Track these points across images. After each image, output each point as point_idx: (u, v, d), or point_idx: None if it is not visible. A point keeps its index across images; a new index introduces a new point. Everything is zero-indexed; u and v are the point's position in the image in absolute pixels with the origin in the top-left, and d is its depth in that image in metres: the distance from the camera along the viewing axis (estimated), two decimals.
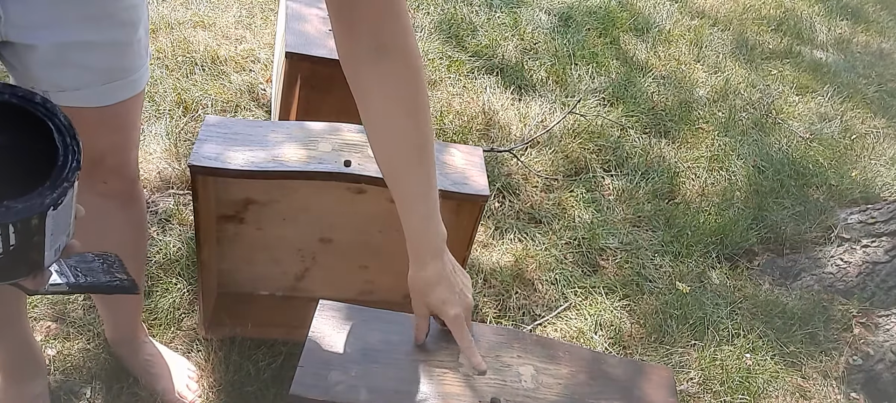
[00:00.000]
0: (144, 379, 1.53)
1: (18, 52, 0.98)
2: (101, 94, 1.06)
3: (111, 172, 1.20)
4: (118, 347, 1.56)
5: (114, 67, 1.06)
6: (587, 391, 1.04)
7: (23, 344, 1.36)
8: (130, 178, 1.26)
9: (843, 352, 1.98)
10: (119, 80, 1.08)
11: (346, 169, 1.37)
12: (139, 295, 1.47)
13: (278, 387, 1.59)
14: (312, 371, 0.97)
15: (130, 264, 1.38)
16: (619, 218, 2.29)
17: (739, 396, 1.81)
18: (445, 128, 2.46)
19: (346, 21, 0.89)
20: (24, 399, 1.40)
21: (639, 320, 1.96)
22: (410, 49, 0.91)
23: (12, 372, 1.39)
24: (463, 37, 3.00)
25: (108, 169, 1.18)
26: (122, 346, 1.55)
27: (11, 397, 1.39)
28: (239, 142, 1.38)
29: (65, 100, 1.02)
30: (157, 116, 2.27)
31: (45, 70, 1.00)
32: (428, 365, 1.01)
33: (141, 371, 1.53)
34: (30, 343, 1.38)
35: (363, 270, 1.69)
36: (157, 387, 1.51)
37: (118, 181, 1.23)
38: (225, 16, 2.80)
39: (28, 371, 1.40)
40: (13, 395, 1.39)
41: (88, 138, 1.13)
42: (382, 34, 0.89)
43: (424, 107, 0.97)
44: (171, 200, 2.00)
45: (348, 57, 0.92)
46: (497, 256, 2.05)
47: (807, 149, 2.83)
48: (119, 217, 1.28)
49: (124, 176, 1.24)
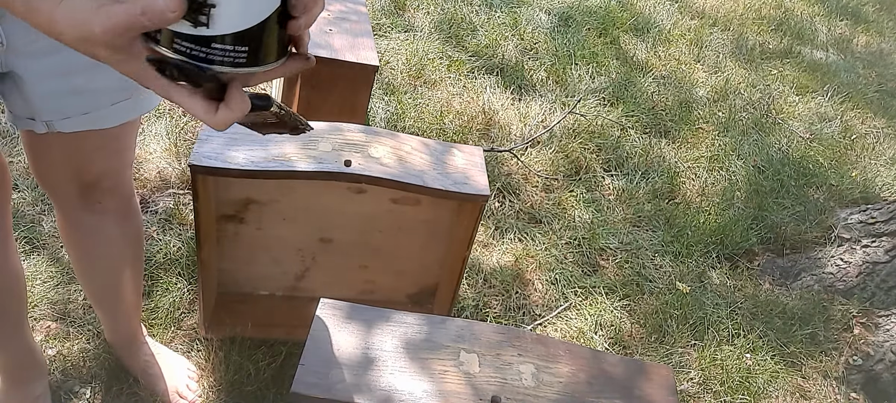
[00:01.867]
0: (144, 380, 1.53)
1: (19, 82, 0.94)
2: (106, 117, 1.03)
3: (106, 193, 1.18)
4: (118, 349, 1.56)
5: (121, 86, 1.02)
6: (587, 390, 1.04)
7: (24, 348, 1.36)
8: (126, 196, 1.24)
9: (843, 352, 1.98)
10: (125, 100, 1.03)
11: (347, 168, 1.37)
12: (138, 296, 1.47)
13: (279, 387, 1.59)
14: (313, 370, 0.97)
15: (129, 276, 1.38)
16: (619, 218, 2.29)
17: (739, 396, 1.81)
18: (445, 128, 2.46)
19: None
20: (25, 401, 1.40)
21: (639, 320, 1.96)
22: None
23: (14, 375, 1.39)
24: (463, 37, 3.00)
25: (103, 190, 1.17)
26: (122, 348, 1.55)
27: (13, 398, 1.39)
28: (239, 141, 1.39)
29: (69, 127, 0.99)
30: (157, 116, 2.27)
31: (48, 100, 0.96)
32: (428, 364, 1.01)
33: (141, 373, 1.53)
34: (31, 346, 1.38)
35: (363, 270, 1.69)
36: (157, 388, 1.51)
37: (113, 200, 1.21)
38: None
39: (29, 373, 1.40)
40: (15, 397, 1.39)
41: (85, 162, 1.11)
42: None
43: None
44: (171, 200, 2.00)
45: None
46: (497, 256, 2.05)
47: (807, 149, 2.83)
48: (116, 232, 1.27)
49: (120, 194, 1.22)
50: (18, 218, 1.87)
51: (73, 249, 1.31)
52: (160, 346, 1.58)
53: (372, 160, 1.40)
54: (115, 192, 1.20)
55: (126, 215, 1.27)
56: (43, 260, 1.78)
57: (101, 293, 1.42)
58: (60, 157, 1.08)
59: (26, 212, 1.89)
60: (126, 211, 1.27)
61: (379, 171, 1.38)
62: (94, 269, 1.35)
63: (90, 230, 1.24)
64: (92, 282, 1.39)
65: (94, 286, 1.40)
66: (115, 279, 1.37)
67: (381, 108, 2.48)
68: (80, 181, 1.13)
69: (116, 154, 1.14)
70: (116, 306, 1.44)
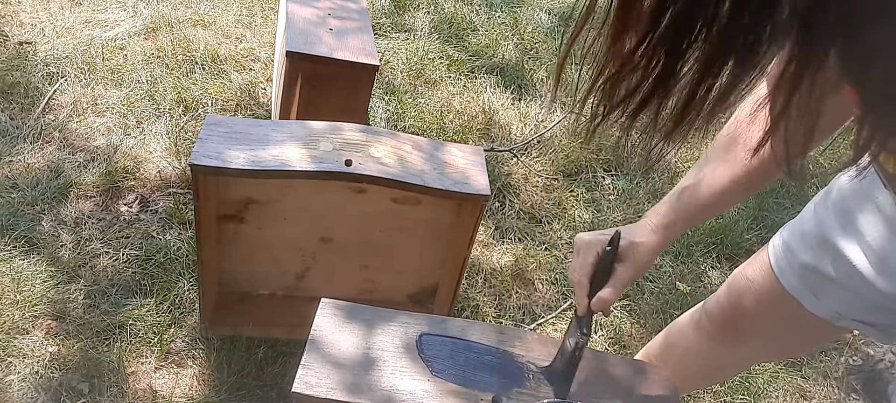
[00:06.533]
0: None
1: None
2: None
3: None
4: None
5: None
6: (588, 390, 1.04)
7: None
8: None
9: (843, 352, 1.98)
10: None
11: (347, 168, 1.37)
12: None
13: (279, 387, 1.59)
14: (314, 370, 0.97)
15: None
16: (619, 218, 2.29)
17: (739, 396, 1.81)
18: (445, 128, 2.46)
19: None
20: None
21: (639, 320, 1.96)
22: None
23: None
24: (463, 36, 3.00)
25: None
26: None
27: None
28: (240, 141, 1.38)
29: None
30: (157, 115, 2.27)
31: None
32: (429, 364, 1.01)
33: None
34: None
35: (364, 270, 1.69)
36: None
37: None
38: (225, 15, 2.80)
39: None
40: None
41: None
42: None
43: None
44: (172, 199, 2.00)
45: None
46: (497, 256, 2.05)
47: None
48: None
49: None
50: (18, 218, 1.87)
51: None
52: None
53: (372, 160, 1.40)
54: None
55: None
56: (43, 260, 1.78)
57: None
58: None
59: (26, 212, 1.89)
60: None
61: (379, 171, 1.38)
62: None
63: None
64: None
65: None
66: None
67: (381, 108, 2.48)
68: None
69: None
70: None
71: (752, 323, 1.17)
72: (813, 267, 1.04)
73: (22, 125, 2.15)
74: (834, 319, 1.06)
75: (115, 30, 2.63)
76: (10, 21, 2.58)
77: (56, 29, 2.57)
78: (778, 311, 1.12)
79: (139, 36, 2.61)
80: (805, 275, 1.06)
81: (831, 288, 1.03)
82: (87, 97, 2.30)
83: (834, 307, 1.04)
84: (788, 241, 1.10)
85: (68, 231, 1.87)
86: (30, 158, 2.05)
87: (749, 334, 1.19)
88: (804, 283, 1.07)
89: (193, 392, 1.57)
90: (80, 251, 1.82)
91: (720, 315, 1.22)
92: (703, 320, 1.27)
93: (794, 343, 1.26)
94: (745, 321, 1.18)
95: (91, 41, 2.53)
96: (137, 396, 1.54)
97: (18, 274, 1.73)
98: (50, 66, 2.38)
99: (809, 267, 1.05)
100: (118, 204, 1.98)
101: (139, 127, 2.23)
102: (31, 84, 2.29)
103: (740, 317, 1.18)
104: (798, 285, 1.07)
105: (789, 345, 1.27)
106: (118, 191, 2.01)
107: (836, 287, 1.02)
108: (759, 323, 1.16)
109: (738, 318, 1.19)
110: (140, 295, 1.75)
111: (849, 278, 0.99)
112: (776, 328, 1.16)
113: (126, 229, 1.90)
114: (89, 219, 1.91)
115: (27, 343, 1.60)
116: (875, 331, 1.04)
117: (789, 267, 1.08)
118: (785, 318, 1.12)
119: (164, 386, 1.57)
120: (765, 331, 1.17)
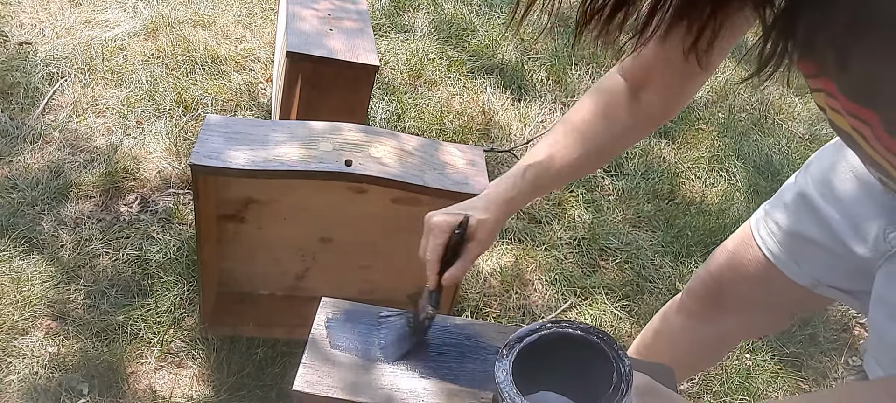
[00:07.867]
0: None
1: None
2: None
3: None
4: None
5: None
6: None
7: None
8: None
9: (842, 352, 1.98)
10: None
11: (347, 168, 1.37)
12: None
13: (279, 386, 1.59)
14: (314, 370, 0.97)
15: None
16: (619, 219, 2.29)
17: (739, 396, 1.81)
18: (445, 128, 2.46)
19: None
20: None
21: (639, 320, 1.96)
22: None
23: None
24: (463, 37, 3.00)
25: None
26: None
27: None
28: (240, 141, 1.38)
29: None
30: (157, 115, 2.27)
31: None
32: (429, 364, 1.01)
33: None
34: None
35: (363, 270, 1.69)
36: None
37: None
38: (225, 15, 2.80)
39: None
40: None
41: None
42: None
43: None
44: (171, 199, 2.00)
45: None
46: (497, 256, 2.05)
47: (807, 149, 2.83)
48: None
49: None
50: (18, 218, 1.87)
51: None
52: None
53: (372, 160, 1.40)
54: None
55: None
56: (43, 260, 1.78)
57: None
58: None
59: (26, 212, 1.89)
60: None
61: (379, 171, 1.38)
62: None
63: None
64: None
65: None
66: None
67: (381, 108, 2.48)
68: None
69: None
70: None
71: (732, 296, 1.21)
72: (795, 231, 1.08)
73: (22, 125, 2.15)
74: (813, 286, 1.09)
75: (114, 30, 2.63)
76: (10, 21, 2.58)
77: (56, 29, 2.58)
78: (758, 282, 1.15)
79: (139, 36, 2.61)
80: (786, 241, 1.10)
81: (812, 252, 1.06)
82: (87, 97, 2.30)
83: (813, 273, 1.08)
84: (770, 211, 1.14)
85: (68, 231, 1.87)
86: (30, 158, 2.05)
87: (730, 308, 1.23)
88: (785, 249, 1.10)
89: (193, 393, 1.57)
90: (80, 251, 1.82)
91: (703, 291, 1.26)
92: (685, 301, 1.32)
93: (774, 316, 1.28)
94: (725, 293, 1.22)
95: (91, 41, 2.53)
96: (137, 396, 1.54)
97: (18, 275, 1.73)
98: (50, 67, 2.38)
99: (791, 232, 1.09)
100: (118, 205, 1.98)
101: (139, 127, 2.23)
102: (31, 84, 2.29)
103: (721, 290, 1.22)
104: (779, 251, 1.11)
105: (770, 318, 1.29)
106: (118, 192, 2.01)
107: (816, 250, 1.06)
108: (740, 294, 1.20)
109: (719, 291, 1.23)
110: (140, 295, 1.75)
111: (829, 239, 1.03)
112: (757, 300, 1.19)
113: (126, 229, 1.90)
114: (89, 220, 1.91)
115: (27, 344, 1.60)
116: (851, 299, 1.08)
117: (770, 236, 1.12)
118: (765, 289, 1.15)
119: (164, 386, 1.57)
120: (746, 304, 1.21)
